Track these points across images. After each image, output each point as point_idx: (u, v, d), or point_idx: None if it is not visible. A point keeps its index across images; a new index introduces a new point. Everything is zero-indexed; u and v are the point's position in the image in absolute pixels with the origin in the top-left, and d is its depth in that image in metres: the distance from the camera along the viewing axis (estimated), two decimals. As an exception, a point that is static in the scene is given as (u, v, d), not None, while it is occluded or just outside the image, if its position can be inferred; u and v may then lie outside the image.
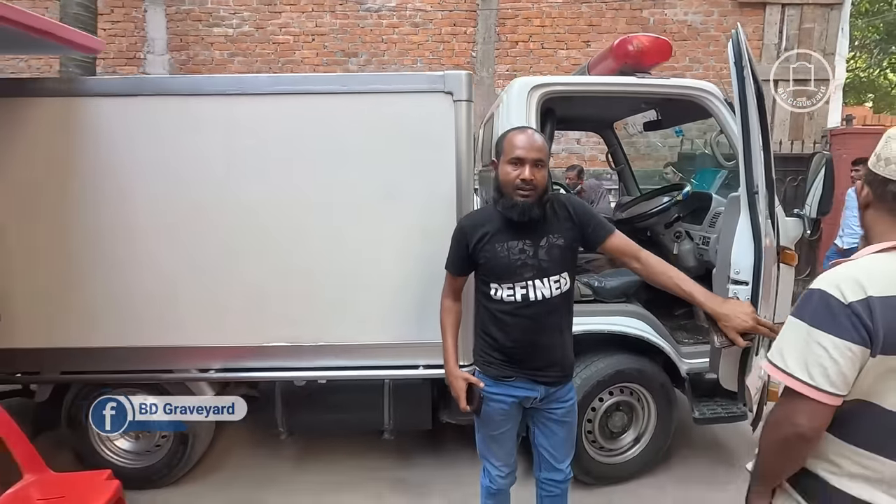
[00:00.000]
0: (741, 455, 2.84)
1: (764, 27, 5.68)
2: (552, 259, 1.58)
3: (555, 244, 1.59)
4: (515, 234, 1.59)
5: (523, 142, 1.55)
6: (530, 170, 1.52)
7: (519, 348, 1.63)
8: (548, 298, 1.59)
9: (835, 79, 5.71)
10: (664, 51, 2.50)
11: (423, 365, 2.39)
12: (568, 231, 1.61)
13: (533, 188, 1.53)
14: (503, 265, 1.59)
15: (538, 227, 1.59)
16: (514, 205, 1.55)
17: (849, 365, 0.90)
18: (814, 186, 2.19)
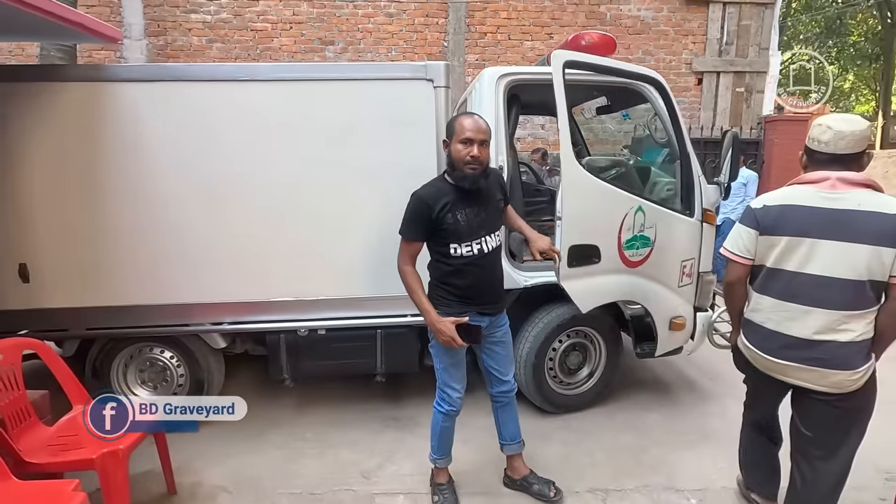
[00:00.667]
0: (671, 384, 3.39)
1: (708, 23, 6.26)
2: (495, 219, 2.08)
3: (496, 208, 2.08)
4: (470, 202, 1.96)
5: (471, 125, 1.88)
6: (478, 148, 1.88)
7: (473, 290, 2.02)
8: (494, 249, 2.05)
9: (768, 70, 6.35)
10: (610, 45, 2.95)
11: (411, 314, 2.81)
12: (500, 198, 2.11)
13: (480, 163, 1.90)
14: (463, 229, 1.94)
15: (485, 195, 2.01)
16: (465, 177, 1.91)
17: (751, 240, 1.78)
18: (726, 159, 2.70)
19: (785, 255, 1.71)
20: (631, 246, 2.57)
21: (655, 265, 2.70)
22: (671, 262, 2.80)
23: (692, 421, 2.94)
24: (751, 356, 1.88)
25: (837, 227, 1.62)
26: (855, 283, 1.62)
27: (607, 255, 2.49)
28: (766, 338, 1.79)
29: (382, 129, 2.63)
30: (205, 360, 2.84)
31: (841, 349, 1.65)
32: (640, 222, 2.57)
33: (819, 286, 1.65)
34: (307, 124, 2.60)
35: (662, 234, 2.68)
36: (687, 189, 2.86)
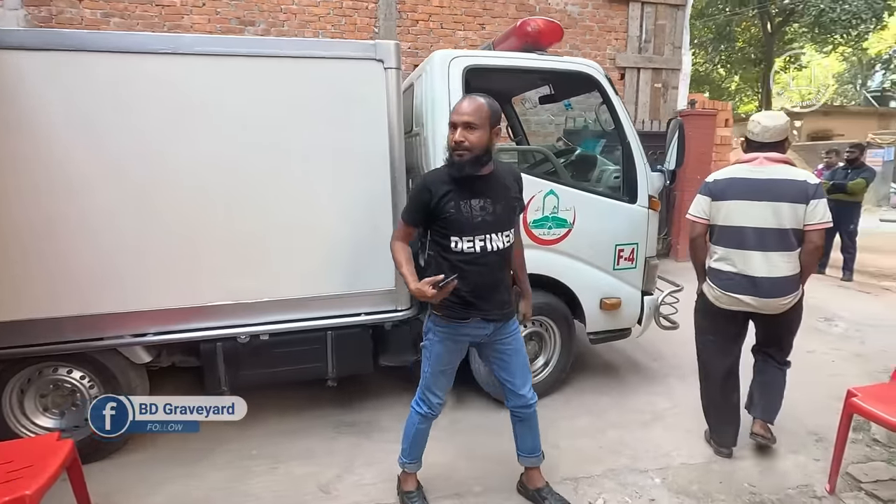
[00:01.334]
0: (620, 367, 3.51)
1: (628, 21, 6.57)
2: (506, 217, 1.86)
3: (507, 205, 1.87)
4: (476, 194, 1.80)
5: (457, 107, 1.77)
6: (461, 132, 1.72)
7: (475, 293, 1.84)
8: (500, 249, 1.86)
9: (682, 68, 6.81)
10: (557, 32, 2.94)
11: (365, 313, 2.63)
12: (514, 197, 1.92)
13: (466, 149, 1.72)
14: (465, 221, 1.79)
15: (495, 188, 1.84)
16: (452, 163, 1.77)
17: (707, 206, 2.35)
18: (671, 145, 2.80)
19: (731, 214, 2.28)
20: (541, 225, 2.78)
21: (577, 246, 2.86)
22: (601, 244, 2.93)
23: (643, 401, 3.04)
24: (715, 296, 2.37)
25: (766, 191, 2.22)
26: (781, 231, 2.21)
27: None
28: (726, 278, 2.31)
29: (327, 112, 2.41)
30: (125, 378, 2.45)
31: (778, 282, 2.22)
32: (553, 205, 2.77)
33: (757, 235, 2.23)
34: (243, 105, 2.32)
35: (587, 218, 2.83)
36: (629, 176, 2.94)
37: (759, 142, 2.29)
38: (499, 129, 1.81)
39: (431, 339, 1.96)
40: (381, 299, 2.64)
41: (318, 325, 2.57)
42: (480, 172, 1.80)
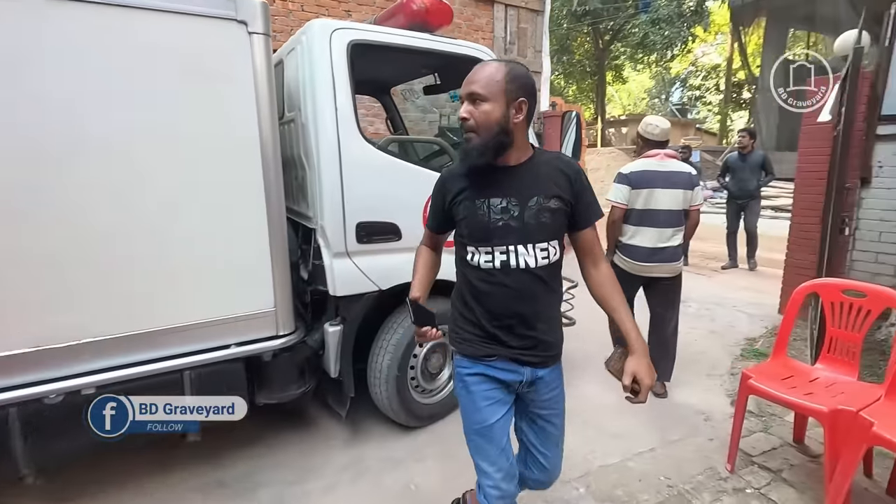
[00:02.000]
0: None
1: (493, 22, 6.68)
2: (540, 223, 1.33)
3: (546, 207, 1.32)
4: (499, 190, 1.34)
5: (468, 76, 1.33)
6: (466, 107, 1.31)
7: (497, 322, 1.39)
8: (532, 268, 1.34)
9: (542, 72, 7.16)
10: (447, 13, 2.68)
11: (236, 343, 2.08)
12: (565, 193, 1.35)
13: (470, 129, 1.30)
14: (480, 225, 1.35)
15: (523, 184, 1.34)
16: (462, 149, 1.35)
17: (626, 193, 2.77)
18: (567, 138, 2.75)
19: (645, 200, 2.78)
20: None
21: None
22: None
23: (549, 402, 2.96)
24: (628, 266, 2.88)
25: (670, 180, 2.78)
26: (677, 212, 2.80)
27: (410, 233, 2.34)
28: (638, 252, 2.83)
29: (171, 85, 1.82)
30: None
31: (674, 250, 2.82)
32: None
33: (665, 215, 2.78)
34: (41, 74, 1.62)
35: None
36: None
37: (657, 141, 2.86)
38: (524, 102, 1.30)
39: (457, 388, 1.51)
40: (258, 324, 2.12)
41: (169, 366, 1.95)
42: (504, 162, 1.35)
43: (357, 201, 2.25)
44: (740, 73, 20.99)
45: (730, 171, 5.99)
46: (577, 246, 1.44)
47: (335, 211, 2.22)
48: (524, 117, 1.32)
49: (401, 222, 2.37)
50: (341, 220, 2.23)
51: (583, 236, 1.42)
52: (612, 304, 1.39)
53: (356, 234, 2.27)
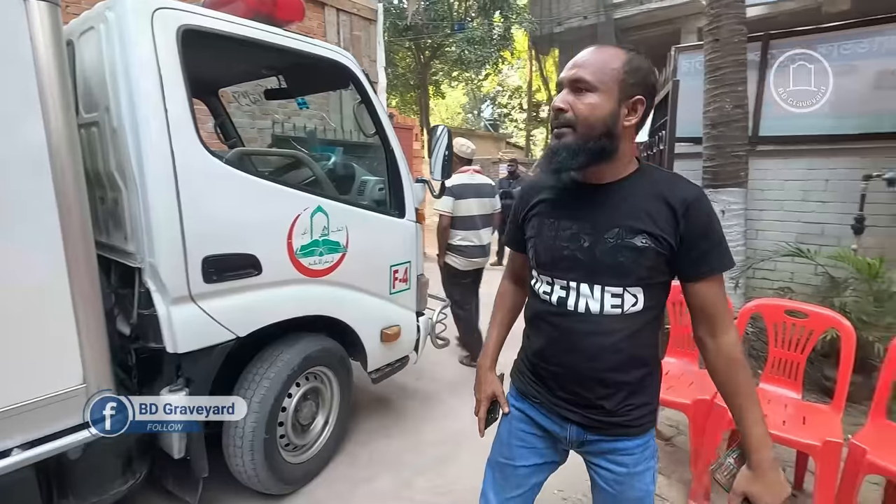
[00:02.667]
0: (392, 399, 3.19)
1: (325, 26, 6.31)
2: (617, 263, 1.04)
3: (627, 244, 1.03)
4: (574, 212, 1.10)
5: (573, 59, 1.06)
6: (564, 95, 1.04)
7: (545, 365, 1.17)
8: (595, 315, 1.07)
9: (378, 82, 7.03)
10: (297, 8, 2.33)
11: (20, 445, 1.43)
12: (662, 231, 1.03)
13: (566, 124, 1.03)
14: (546, 248, 1.13)
15: (614, 211, 1.06)
16: (549, 147, 1.08)
17: (451, 203, 3.39)
18: (437, 155, 2.62)
19: (470, 208, 3.44)
20: (310, 252, 2.13)
21: (353, 273, 2.34)
22: (377, 267, 2.52)
23: (433, 432, 2.79)
24: (463, 264, 3.50)
25: (481, 191, 3.50)
26: (488, 216, 3.57)
27: (273, 265, 1.99)
28: (468, 251, 3.47)
29: None
30: None
31: (488, 247, 3.59)
32: (323, 225, 2.18)
33: (481, 219, 3.50)
34: None
35: (361, 238, 2.34)
36: (395, 188, 2.63)
37: (468, 158, 3.62)
38: (640, 102, 1.04)
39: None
40: (59, 410, 1.49)
41: None
42: (594, 179, 1.09)
43: (202, 230, 1.76)
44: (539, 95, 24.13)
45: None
46: (688, 303, 1.10)
47: (172, 243, 1.70)
48: (637, 121, 1.05)
49: (260, 252, 1.95)
50: (181, 255, 1.72)
51: (693, 292, 1.07)
52: (735, 394, 1.05)
53: (203, 272, 1.78)
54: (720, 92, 3.50)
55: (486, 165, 17.22)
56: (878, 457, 1.75)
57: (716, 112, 3.54)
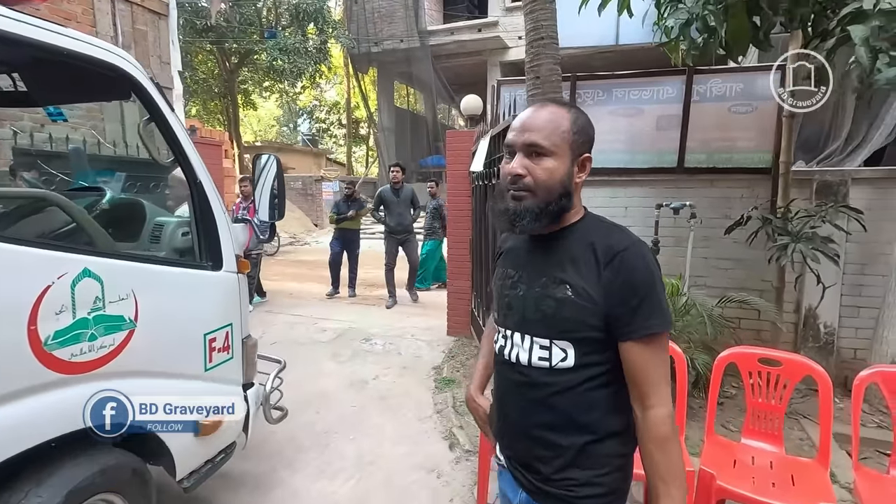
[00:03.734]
0: (226, 498, 2.52)
1: (95, 13, 5.03)
2: (540, 312, 1.03)
3: (551, 293, 1.01)
4: (518, 260, 1.14)
5: (520, 120, 1.05)
6: (520, 160, 1.02)
7: (496, 412, 1.19)
8: (524, 365, 1.06)
9: (174, 88, 5.92)
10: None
11: None
12: (584, 281, 0.99)
13: (527, 189, 1.01)
14: (496, 294, 1.18)
15: (544, 257, 1.07)
16: (503, 210, 1.05)
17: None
18: (262, 189, 2.12)
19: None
20: (72, 339, 1.47)
21: (148, 354, 1.72)
22: (185, 340, 1.91)
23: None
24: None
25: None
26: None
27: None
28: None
29: None
30: None
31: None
32: (94, 296, 1.52)
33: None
34: None
35: (158, 305, 1.74)
36: (207, 231, 2.04)
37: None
38: (588, 160, 1.05)
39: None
40: None
41: None
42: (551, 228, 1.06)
43: None
44: (358, 112, 24.05)
45: (384, 204, 6.16)
46: (623, 366, 1.00)
47: None
48: (585, 177, 1.06)
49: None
50: None
51: (622, 353, 0.99)
52: (653, 475, 0.97)
53: None
54: (543, 126, 3.71)
55: (307, 183, 16.32)
56: (726, 481, 1.87)
57: (540, 145, 3.73)
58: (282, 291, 7.03)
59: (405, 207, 6.10)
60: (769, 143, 3.86)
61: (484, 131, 3.83)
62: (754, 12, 2.76)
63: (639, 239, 1.01)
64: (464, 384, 3.80)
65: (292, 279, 8.09)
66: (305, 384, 3.75)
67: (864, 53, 2.48)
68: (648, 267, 0.97)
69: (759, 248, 3.55)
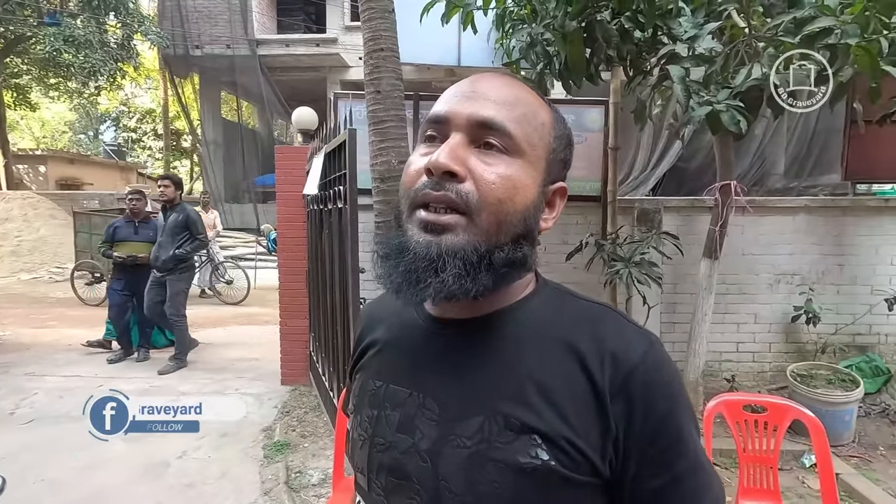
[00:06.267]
0: None
1: None
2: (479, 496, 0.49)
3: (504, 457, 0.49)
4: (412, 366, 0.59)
5: (467, 84, 0.56)
6: (454, 147, 0.51)
7: None
8: None
9: None
10: None
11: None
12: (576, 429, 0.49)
13: (454, 205, 0.50)
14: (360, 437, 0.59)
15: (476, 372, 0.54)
16: (399, 247, 0.52)
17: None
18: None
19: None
20: None
21: None
22: None
23: None
24: None
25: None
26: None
27: None
28: None
29: None
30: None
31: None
32: None
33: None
34: None
35: None
36: None
37: None
38: (564, 190, 0.59)
39: None
40: None
41: None
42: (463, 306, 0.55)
43: None
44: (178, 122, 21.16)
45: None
46: None
47: None
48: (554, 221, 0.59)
49: None
50: None
51: None
52: None
53: None
54: (386, 146, 3.35)
55: (105, 201, 13.55)
56: None
57: (383, 166, 3.37)
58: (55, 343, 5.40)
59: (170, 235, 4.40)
60: (598, 172, 4.10)
61: (317, 148, 3.33)
62: (587, 44, 2.80)
63: (648, 331, 0.57)
64: (301, 447, 3.17)
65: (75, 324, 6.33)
66: (72, 484, 2.71)
67: (681, 92, 2.64)
68: (679, 391, 0.54)
69: (595, 272, 3.68)
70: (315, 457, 3.05)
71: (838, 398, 3.15)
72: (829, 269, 3.99)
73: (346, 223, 2.38)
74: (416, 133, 4.03)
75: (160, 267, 4.39)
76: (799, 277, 3.99)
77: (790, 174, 6.91)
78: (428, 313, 0.61)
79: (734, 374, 3.98)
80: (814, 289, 3.87)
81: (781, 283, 4.01)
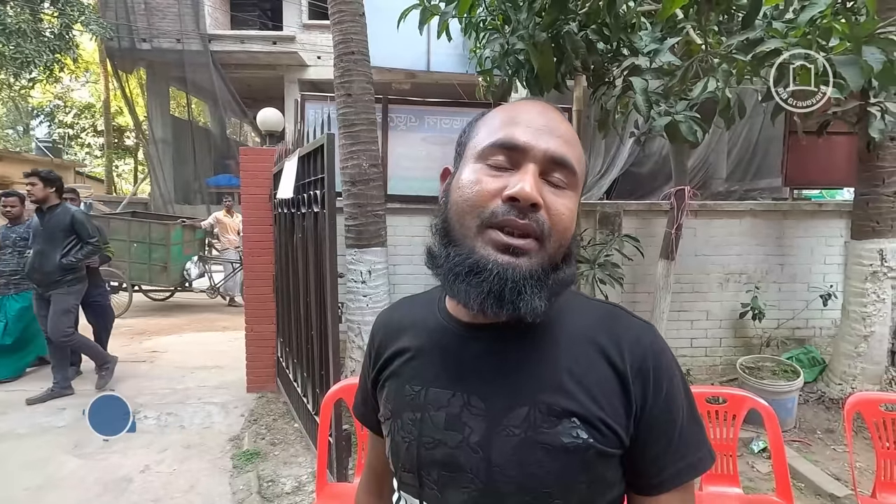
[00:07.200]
0: None
1: None
2: (528, 476, 0.57)
3: (549, 439, 0.58)
4: (452, 369, 0.64)
5: (534, 113, 0.62)
6: (533, 182, 0.57)
7: None
8: None
9: None
10: None
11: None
12: (607, 409, 0.59)
13: (531, 232, 0.57)
14: (404, 440, 0.64)
15: (509, 365, 0.62)
16: (477, 268, 0.57)
17: None
18: None
19: None
20: None
21: None
22: None
23: None
24: None
25: None
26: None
27: None
28: None
29: None
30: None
31: None
32: None
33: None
34: None
35: None
36: None
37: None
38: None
39: None
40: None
41: None
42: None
43: None
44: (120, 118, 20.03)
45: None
46: None
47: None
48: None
49: None
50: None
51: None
52: None
53: None
54: (357, 149, 3.35)
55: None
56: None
57: (354, 169, 3.36)
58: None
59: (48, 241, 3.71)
60: (562, 176, 4.25)
61: (288, 151, 3.28)
62: (555, 53, 2.91)
63: (650, 323, 0.68)
64: (272, 455, 3.10)
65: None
66: (22, 505, 2.54)
67: (642, 102, 2.79)
68: (676, 371, 0.64)
69: (562, 273, 3.81)
70: (287, 464, 2.99)
71: (782, 388, 3.41)
72: (772, 269, 4.31)
73: (325, 228, 2.36)
74: (385, 136, 4.04)
75: (41, 280, 3.72)
76: (746, 276, 4.28)
77: (732, 178, 7.39)
78: (458, 319, 0.67)
79: (689, 368, 4.22)
80: (759, 287, 4.17)
81: (730, 281, 4.28)
